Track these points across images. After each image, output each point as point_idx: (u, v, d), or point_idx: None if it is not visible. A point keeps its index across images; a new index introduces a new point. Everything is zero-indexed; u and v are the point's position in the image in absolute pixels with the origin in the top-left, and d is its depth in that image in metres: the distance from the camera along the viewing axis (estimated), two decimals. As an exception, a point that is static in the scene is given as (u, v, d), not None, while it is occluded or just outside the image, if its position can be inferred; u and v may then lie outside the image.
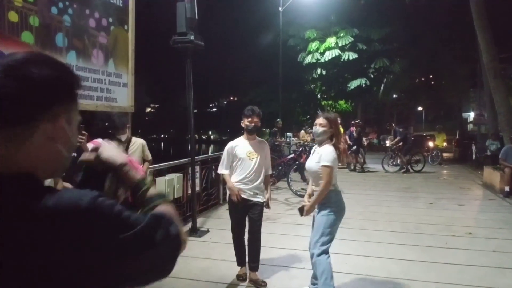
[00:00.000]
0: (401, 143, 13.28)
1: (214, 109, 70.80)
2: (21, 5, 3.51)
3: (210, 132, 69.47)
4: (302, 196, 8.09)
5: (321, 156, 3.60)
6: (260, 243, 4.27)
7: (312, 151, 3.98)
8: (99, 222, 0.79)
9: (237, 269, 4.36)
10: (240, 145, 4.20)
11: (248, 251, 4.26)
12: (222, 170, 4.28)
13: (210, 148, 45.10)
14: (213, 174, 8.02)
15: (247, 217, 4.25)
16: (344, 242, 5.16)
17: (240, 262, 4.33)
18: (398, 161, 13.70)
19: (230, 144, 4.27)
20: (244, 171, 4.15)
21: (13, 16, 3.44)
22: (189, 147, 6.23)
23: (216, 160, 8.17)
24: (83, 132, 3.76)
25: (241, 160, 4.16)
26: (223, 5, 34.04)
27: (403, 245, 5.39)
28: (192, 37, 5.47)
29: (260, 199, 4.20)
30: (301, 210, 3.79)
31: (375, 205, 7.98)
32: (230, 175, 4.24)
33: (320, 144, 3.75)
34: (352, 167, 13.53)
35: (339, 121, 3.98)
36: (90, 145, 4.09)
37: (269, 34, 20.77)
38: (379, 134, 23.67)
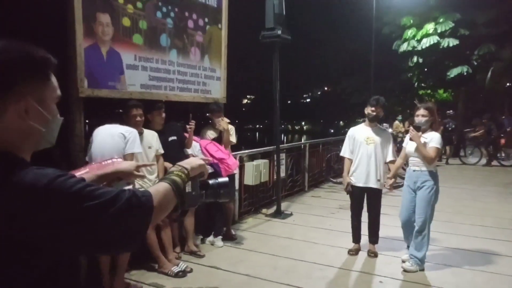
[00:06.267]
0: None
1: (308, 100, 70.50)
2: (132, 11, 4.15)
3: (303, 123, 69.48)
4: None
5: (432, 139, 4.11)
6: (379, 222, 4.68)
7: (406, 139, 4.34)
8: (55, 199, 0.85)
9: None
10: (360, 131, 4.64)
11: (368, 228, 4.69)
12: (345, 153, 4.72)
13: (302, 139, 45.21)
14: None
15: (365, 199, 4.66)
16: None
17: (354, 240, 4.77)
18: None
19: (351, 129, 4.75)
20: (361, 156, 4.54)
21: (126, 21, 4.09)
22: (275, 136, 6.63)
23: (300, 149, 8.51)
24: (192, 121, 4.43)
25: (359, 144, 4.56)
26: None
27: (492, 240, 5.19)
28: (279, 32, 5.83)
29: (376, 185, 4.52)
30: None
31: (468, 199, 7.62)
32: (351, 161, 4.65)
33: (424, 132, 4.19)
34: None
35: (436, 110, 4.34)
36: (195, 140, 4.71)
37: (361, 22, 20.24)
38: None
